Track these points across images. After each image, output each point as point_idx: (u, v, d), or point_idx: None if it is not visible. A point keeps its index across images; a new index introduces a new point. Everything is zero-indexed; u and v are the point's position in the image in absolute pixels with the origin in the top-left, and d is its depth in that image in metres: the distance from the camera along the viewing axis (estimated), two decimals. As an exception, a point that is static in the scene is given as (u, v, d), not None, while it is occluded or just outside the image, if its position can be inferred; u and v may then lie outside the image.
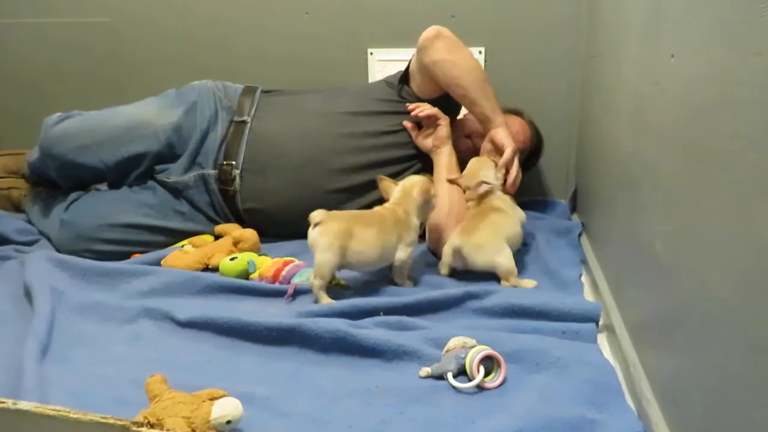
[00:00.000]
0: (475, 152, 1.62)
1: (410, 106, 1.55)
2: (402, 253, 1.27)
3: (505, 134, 1.49)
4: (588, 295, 1.28)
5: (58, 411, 0.58)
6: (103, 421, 0.59)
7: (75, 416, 0.58)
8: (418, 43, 1.52)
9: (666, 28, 0.87)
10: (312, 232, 1.21)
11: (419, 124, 1.58)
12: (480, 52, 1.84)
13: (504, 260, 1.28)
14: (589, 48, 1.70)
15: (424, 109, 1.53)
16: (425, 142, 1.56)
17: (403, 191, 1.32)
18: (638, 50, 1.05)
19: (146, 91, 1.72)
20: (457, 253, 1.31)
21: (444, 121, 1.54)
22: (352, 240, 1.20)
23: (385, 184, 1.37)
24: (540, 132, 1.76)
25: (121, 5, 1.99)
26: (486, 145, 1.52)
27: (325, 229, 1.19)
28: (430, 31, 1.51)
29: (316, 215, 1.21)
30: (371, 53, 1.89)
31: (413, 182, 1.33)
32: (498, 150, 1.48)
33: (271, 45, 1.94)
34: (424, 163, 1.59)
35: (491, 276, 1.30)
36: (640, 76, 1.02)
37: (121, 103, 1.67)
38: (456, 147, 1.56)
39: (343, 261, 1.21)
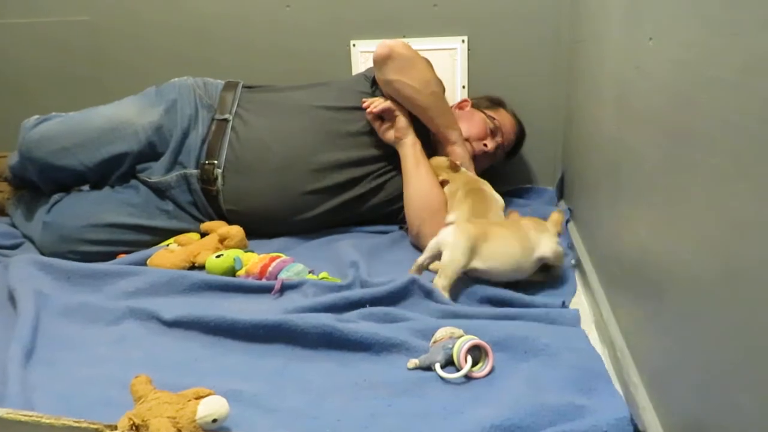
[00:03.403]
0: (474, 156, 1.62)
1: (365, 104, 1.53)
2: (546, 245, 1.22)
3: (461, 153, 1.53)
4: (577, 281, 1.29)
5: (30, 416, 0.57)
6: (76, 425, 0.58)
7: (47, 421, 0.57)
8: (372, 57, 1.51)
9: (644, 11, 0.87)
10: (443, 231, 1.21)
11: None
12: (463, 41, 1.83)
13: None
14: (572, 33, 1.69)
15: (378, 104, 1.51)
16: (387, 134, 1.53)
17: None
18: (619, 34, 1.04)
19: (128, 87, 1.70)
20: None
21: (401, 112, 1.51)
22: (486, 242, 1.18)
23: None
24: (521, 122, 1.76)
25: (101, 3, 1.96)
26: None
27: (458, 229, 1.18)
28: (382, 49, 1.48)
29: (450, 217, 1.32)
30: (354, 45, 1.88)
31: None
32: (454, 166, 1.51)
33: (252, 38, 1.92)
34: (396, 162, 1.57)
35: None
36: (622, 60, 1.01)
37: (104, 102, 1.65)
38: (454, 153, 1.56)
39: (473, 264, 1.17)
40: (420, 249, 1.44)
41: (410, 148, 1.51)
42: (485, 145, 1.64)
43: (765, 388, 0.50)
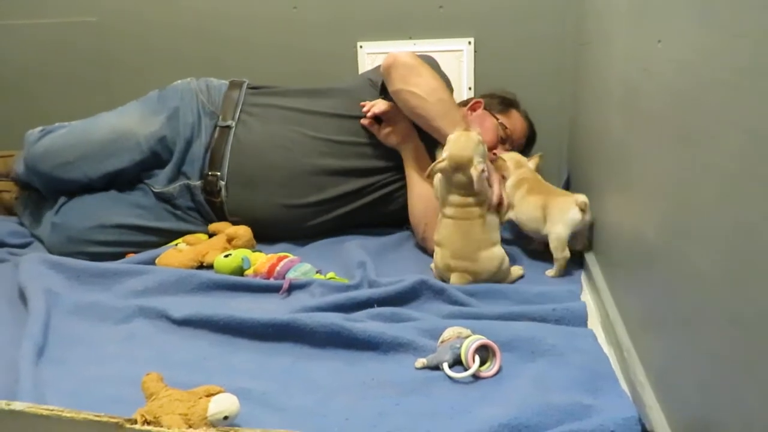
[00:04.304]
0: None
1: (365, 107, 1.50)
2: None
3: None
4: (582, 283, 1.29)
5: (52, 410, 0.58)
6: (97, 419, 0.59)
7: (68, 415, 0.58)
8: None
9: (652, 13, 0.88)
10: (585, 216, 1.29)
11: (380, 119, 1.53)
12: (469, 43, 1.84)
13: None
14: (578, 35, 1.70)
15: (379, 106, 1.47)
16: (388, 138, 1.50)
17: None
18: (626, 36, 1.05)
19: (134, 89, 1.71)
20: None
21: (402, 116, 1.47)
22: None
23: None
24: (532, 123, 1.76)
25: (108, 4, 1.97)
26: None
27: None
28: (387, 59, 1.46)
29: (584, 199, 1.28)
30: (360, 46, 1.88)
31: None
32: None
33: (260, 40, 1.93)
34: (401, 173, 1.56)
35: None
36: (629, 62, 1.02)
37: (109, 103, 1.66)
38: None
39: None
40: (427, 251, 1.45)
41: (413, 151, 1.49)
42: (494, 154, 1.63)
43: (773, 387, 0.50)
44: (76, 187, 1.55)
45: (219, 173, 1.54)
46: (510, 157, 1.48)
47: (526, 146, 1.77)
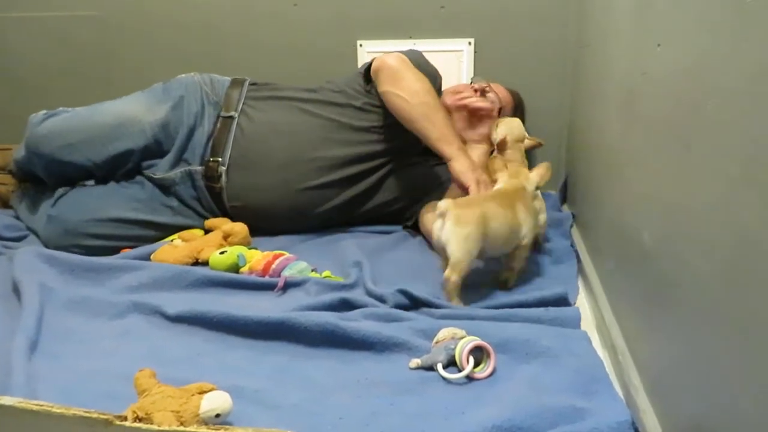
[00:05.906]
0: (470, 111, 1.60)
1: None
2: (529, 230, 1.21)
3: (462, 167, 1.35)
4: (579, 285, 1.29)
5: (41, 406, 0.57)
6: (86, 415, 0.59)
7: (58, 411, 0.57)
8: None
9: (652, 17, 0.87)
10: (443, 225, 1.13)
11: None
12: (469, 43, 1.84)
13: None
14: (578, 38, 1.70)
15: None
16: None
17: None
18: (626, 40, 1.05)
19: (136, 83, 1.70)
20: None
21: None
22: (490, 223, 1.13)
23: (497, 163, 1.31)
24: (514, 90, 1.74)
25: (111, -2, 1.97)
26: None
27: (460, 218, 1.11)
28: (376, 62, 1.52)
29: (443, 205, 1.13)
30: (360, 45, 1.88)
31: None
32: (459, 186, 1.36)
33: (260, 36, 1.93)
34: (399, 159, 1.60)
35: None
36: (628, 65, 1.02)
37: (111, 97, 1.65)
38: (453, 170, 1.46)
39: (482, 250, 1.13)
40: (425, 249, 1.45)
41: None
42: (488, 85, 1.64)
43: (766, 392, 0.50)
44: (76, 171, 1.55)
45: (220, 159, 1.55)
46: (513, 126, 1.48)
47: (517, 109, 1.73)
